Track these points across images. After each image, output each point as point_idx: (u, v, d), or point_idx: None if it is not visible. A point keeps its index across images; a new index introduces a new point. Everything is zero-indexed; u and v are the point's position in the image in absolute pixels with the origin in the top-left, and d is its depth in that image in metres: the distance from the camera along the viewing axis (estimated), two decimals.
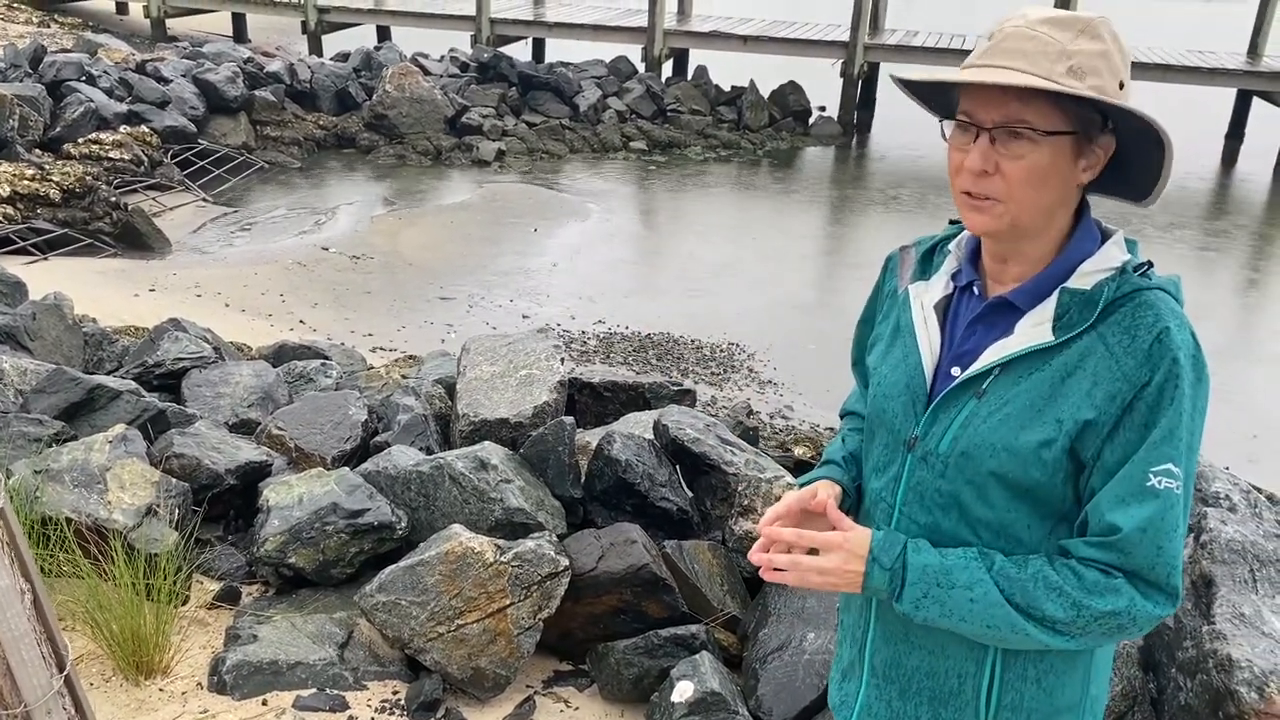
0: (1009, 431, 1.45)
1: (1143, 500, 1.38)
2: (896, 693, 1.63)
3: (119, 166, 11.72)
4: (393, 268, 10.35)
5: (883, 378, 1.64)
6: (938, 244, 1.67)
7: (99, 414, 4.09)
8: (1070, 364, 1.43)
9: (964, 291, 1.59)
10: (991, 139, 1.42)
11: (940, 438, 1.52)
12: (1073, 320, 1.44)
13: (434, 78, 16.41)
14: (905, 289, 1.66)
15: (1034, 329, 1.47)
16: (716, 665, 3.09)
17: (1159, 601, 1.41)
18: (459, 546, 3.19)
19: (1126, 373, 1.39)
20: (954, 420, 1.50)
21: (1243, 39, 18.51)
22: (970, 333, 1.55)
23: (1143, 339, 1.40)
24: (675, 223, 13.01)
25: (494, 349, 4.63)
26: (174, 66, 14.52)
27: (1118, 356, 1.40)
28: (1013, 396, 1.46)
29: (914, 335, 1.60)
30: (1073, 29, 1.40)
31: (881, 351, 1.67)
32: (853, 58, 17.98)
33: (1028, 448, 1.43)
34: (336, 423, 4.26)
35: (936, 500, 1.53)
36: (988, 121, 1.42)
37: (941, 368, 1.56)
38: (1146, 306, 1.42)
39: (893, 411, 1.60)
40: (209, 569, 3.64)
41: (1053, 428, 1.42)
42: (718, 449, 3.75)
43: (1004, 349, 1.48)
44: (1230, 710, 2.33)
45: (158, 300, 8.62)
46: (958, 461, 1.49)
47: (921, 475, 1.54)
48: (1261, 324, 10.16)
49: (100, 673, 3.10)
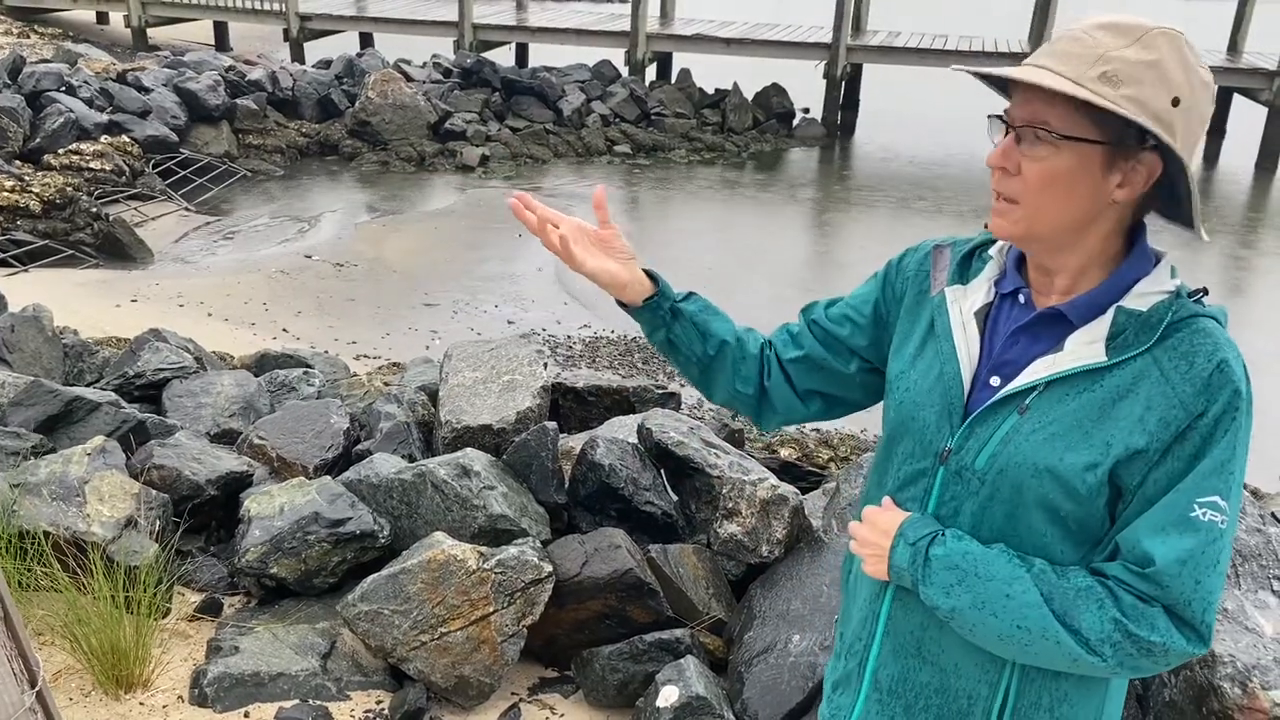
0: (1053, 452, 1.39)
1: (1183, 531, 1.32)
2: (901, 708, 1.58)
3: (100, 177, 11.66)
4: (377, 275, 10.32)
5: (911, 384, 1.56)
6: (977, 248, 1.59)
7: (78, 426, 4.05)
8: (1123, 387, 1.37)
9: (1006, 299, 1.52)
10: (1017, 138, 1.38)
11: (977, 453, 1.45)
12: (1128, 341, 1.38)
13: (417, 84, 16.38)
14: (941, 291, 1.58)
15: (1086, 347, 1.40)
16: (702, 669, 3.07)
17: (1190, 639, 1.34)
18: (441, 554, 3.16)
19: (1184, 400, 1.34)
20: (993, 435, 1.44)
21: (1223, 36, 18.63)
22: (1013, 342, 1.48)
23: (1201, 367, 1.34)
24: (660, 226, 13.01)
25: (477, 355, 4.61)
26: (155, 76, 14.45)
27: (1174, 383, 1.35)
28: (1059, 416, 1.40)
29: (951, 341, 1.53)
30: (1129, 36, 1.33)
31: (910, 356, 1.59)
32: (835, 59, 18.03)
33: (1072, 470, 1.37)
34: (318, 431, 4.23)
35: (970, 517, 1.47)
36: (1016, 119, 1.38)
37: (980, 377, 1.49)
38: (1205, 334, 1.36)
39: (924, 420, 1.52)
40: (190, 580, 3.61)
41: (1099, 451, 1.36)
42: (702, 452, 3.74)
43: (1054, 365, 1.41)
44: (1214, 706, 2.32)
45: (139, 310, 8.57)
46: (995, 479, 1.43)
47: (955, 490, 1.48)
48: (1247, 318, 10.20)
49: (79, 687, 3.07)
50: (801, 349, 1.74)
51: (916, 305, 1.62)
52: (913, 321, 1.61)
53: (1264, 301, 10.94)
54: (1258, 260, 12.34)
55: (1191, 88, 1.34)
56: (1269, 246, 12.78)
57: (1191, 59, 1.33)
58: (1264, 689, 2.27)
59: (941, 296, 1.57)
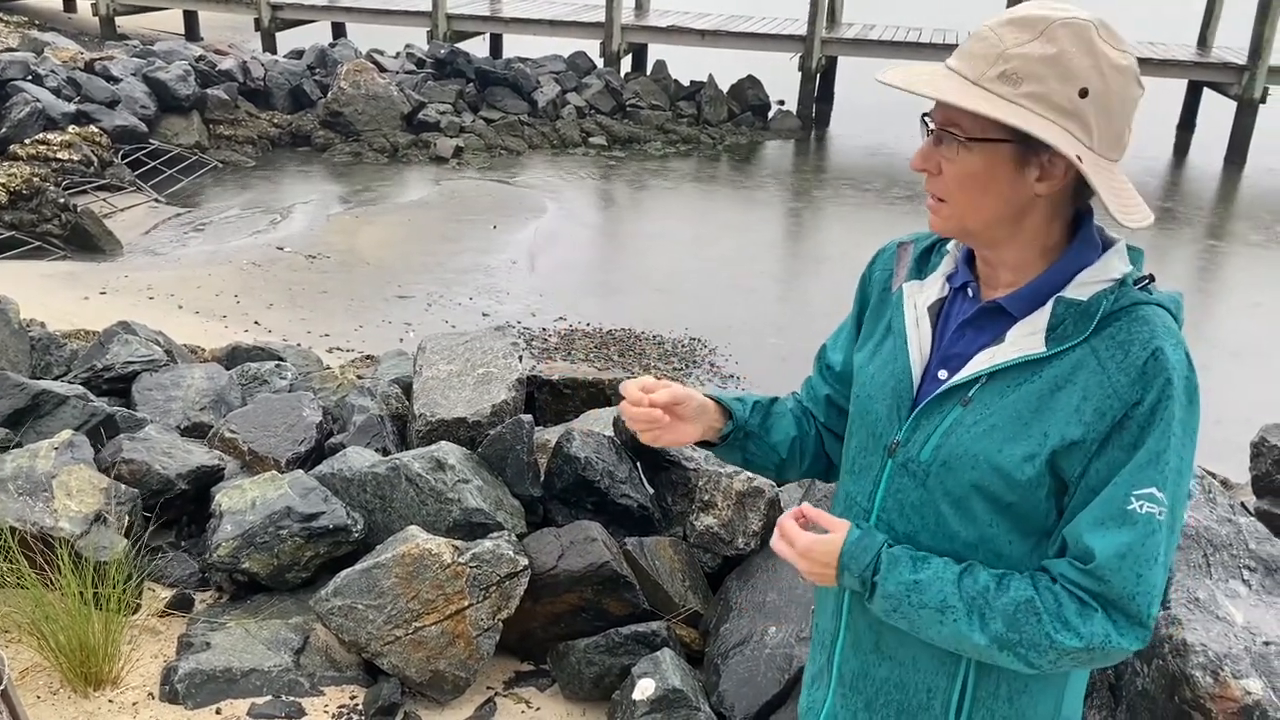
0: (992, 444, 1.40)
1: (1121, 524, 1.32)
2: (863, 704, 1.59)
3: (68, 167, 11.50)
4: (350, 267, 10.24)
5: (868, 378, 1.58)
6: (936, 243, 1.59)
7: (45, 420, 3.99)
8: (1061, 377, 1.37)
9: (958, 293, 1.53)
10: (937, 139, 1.40)
11: (922, 445, 1.47)
12: (1066, 331, 1.38)
13: (390, 74, 16.26)
14: (900, 287, 1.59)
15: (1026, 338, 1.41)
16: (678, 662, 3.07)
17: (1130, 636, 1.35)
18: (415, 548, 3.14)
19: (1118, 389, 1.33)
20: (937, 428, 1.45)
21: (1193, 31, 18.78)
22: (959, 335, 1.49)
23: (1136, 355, 1.34)
24: (636, 218, 12.98)
25: (451, 348, 4.58)
26: (124, 65, 14.26)
27: (1109, 372, 1.35)
28: (999, 408, 1.41)
29: (904, 336, 1.54)
30: (1031, 30, 1.33)
31: (870, 351, 1.61)
32: (810, 51, 18.05)
33: (1010, 462, 1.38)
34: (291, 425, 4.19)
35: (916, 510, 1.48)
36: (933, 122, 1.41)
37: (930, 371, 1.51)
38: (1142, 322, 1.36)
39: (875, 414, 1.54)
40: (161, 576, 3.57)
41: (1036, 442, 1.37)
42: None
43: (994, 357, 1.42)
44: (1186, 695, 2.34)
45: (108, 303, 8.47)
46: (938, 471, 1.44)
47: (901, 483, 1.49)
48: (1216, 311, 10.32)
49: (47, 685, 3.02)
50: (832, 405, 1.75)
51: (880, 304, 1.64)
52: (876, 319, 1.63)
53: (1233, 294, 11.06)
54: (1227, 252, 12.47)
55: (1102, 75, 1.32)
56: (1238, 239, 12.92)
57: (1101, 46, 1.32)
58: (1235, 678, 2.29)
59: (900, 292, 1.59)
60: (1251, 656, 2.36)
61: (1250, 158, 16.51)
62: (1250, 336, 9.43)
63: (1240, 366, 8.64)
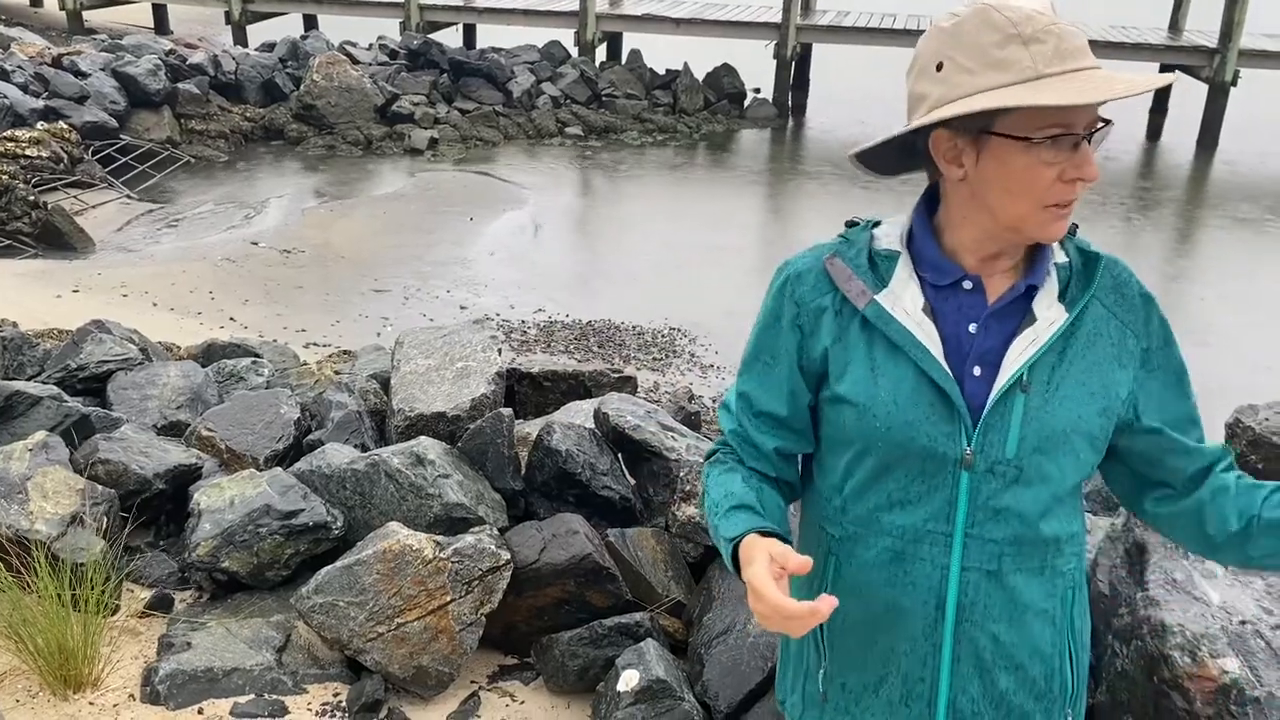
0: (1072, 414, 1.45)
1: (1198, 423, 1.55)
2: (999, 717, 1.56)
3: (37, 164, 11.36)
4: (325, 261, 10.17)
5: (886, 405, 1.46)
6: (870, 249, 1.51)
7: (18, 421, 3.94)
8: (1090, 333, 1.47)
9: (944, 290, 1.47)
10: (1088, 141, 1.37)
11: (1003, 444, 1.44)
12: (1075, 293, 1.47)
13: (363, 66, 16.16)
14: (871, 301, 1.47)
15: (1050, 309, 1.46)
16: (662, 652, 3.07)
17: None
18: (396, 544, 3.13)
19: (1134, 328, 1.49)
20: (1011, 423, 1.43)
21: (1164, 15, 18.90)
22: (985, 329, 1.46)
23: (1131, 296, 1.50)
24: (614, 208, 12.96)
25: (429, 342, 4.56)
26: (92, 60, 14.10)
27: (1120, 315, 1.49)
28: (1059, 379, 1.45)
29: (919, 346, 1.45)
30: None
31: (864, 376, 1.48)
32: (785, 39, 18.05)
33: (1093, 423, 1.46)
34: (268, 422, 4.16)
35: (1011, 510, 1.46)
36: (1082, 127, 1.36)
37: (963, 372, 1.45)
38: (1113, 264, 1.51)
39: (926, 435, 1.45)
40: (140, 576, 3.54)
41: (1104, 396, 1.47)
42: (659, 435, 3.73)
43: (1037, 337, 1.44)
44: (1165, 675, 2.36)
45: (82, 301, 8.38)
46: (1030, 459, 1.44)
47: (990, 489, 1.45)
48: (1191, 291, 10.41)
49: (26, 689, 2.99)
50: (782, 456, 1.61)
51: (841, 327, 1.50)
52: (846, 344, 1.50)
53: (1204, 276, 11.15)
54: (1199, 235, 12.58)
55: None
56: (1210, 222, 13.03)
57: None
58: (1212, 657, 2.31)
59: (875, 306, 1.47)
60: (1228, 636, 2.38)
61: (1221, 141, 16.65)
62: (1221, 319, 9.52)
63: (1210, 348, 8.72)
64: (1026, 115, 1.34)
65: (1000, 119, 1.35)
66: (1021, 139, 1.34)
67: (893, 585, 1.51)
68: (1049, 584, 1.52)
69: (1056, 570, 1.53)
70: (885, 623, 1.53)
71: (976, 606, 1.49)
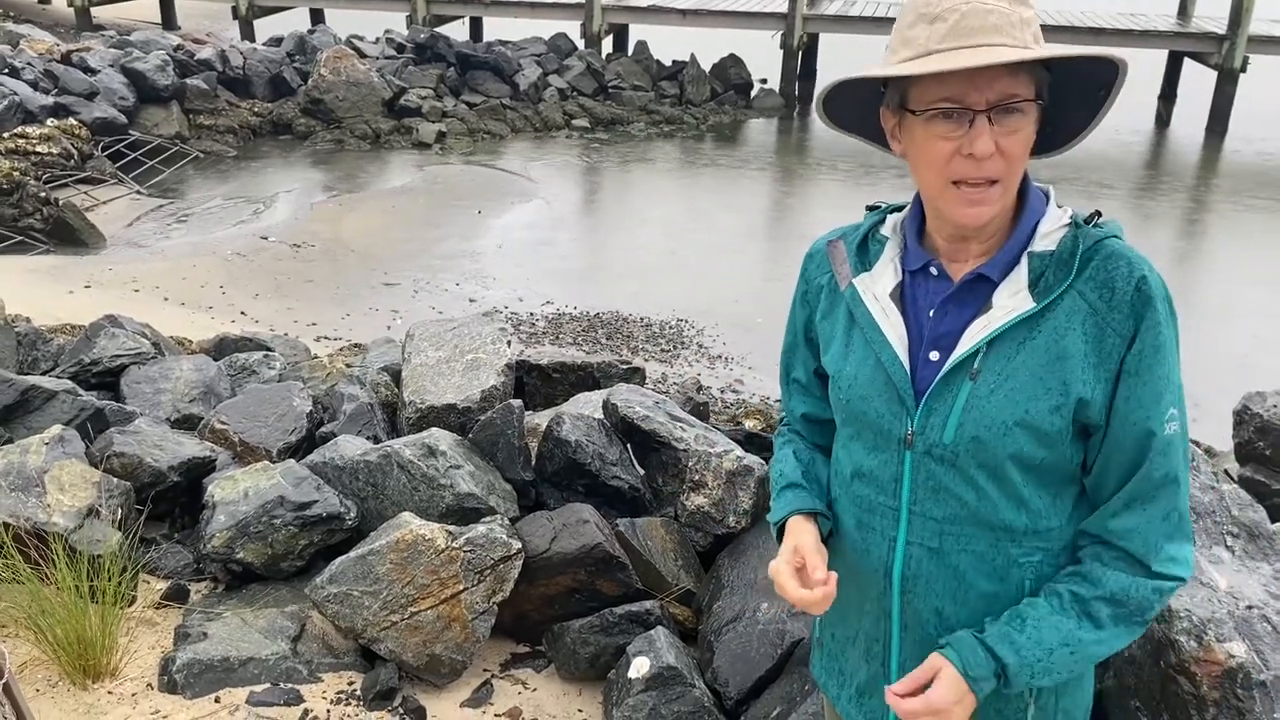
0: (1017, 406, 1.42)
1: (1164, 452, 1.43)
2: None
3: (47, 161, 11.42)
4: (335, 255, 10.21)
5: (850, 379, 1.56)
6: (868, 233, 1.60)
7: (34, 415, 3.99)
8: (1059, 327, 1.41)
9: (915, 275, 1.53)
10: (989, 119, 1.36)
11: (942, 428, 1.46)
12: (1049, 282, 1.42)
13: (370, 60, 16.18)
14: (850, 283, 1.58)
15: (1013, 298, 1.43)
16: (672, 640, 3.10)
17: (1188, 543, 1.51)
18: (409, 534, 3.16)
19: (1115, 326, 1.39)
20: (953, 406, 1.45)
21: (1172, 1, 18.80)
22: (942, 314, 1.49)
23: (1123, 290, 1.39)
24: (621, 200, 12.97)
25: (439, 334, 4.59)
26: (101, 56, 14.15)
27: (1101, 312, 1.40)
28: (1012, 370, 1.42)
29: (877, 328, 1.53)
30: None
31: (839, 352, 1.59)
32: (792, 29, 18.01)
33: (1040, 417, 1.41)
34: (281, 414, 4.20)
35: (949, 492, 1.48)
36: (981, 103, 1.36)
37: (919, 355, 1.50)
38: (1116, 257, 1.41)
39: (875, 412, 1.52)
40: (155, 568, 3.58)
41: (1059, 393, 1.41)
42: (667, 425, 3.75)
43: (989, 325, 1.44)
44: (1171, 659, 2.38)
45: (94, 297, 8.43)
46: (967, 446, 1.45)
47: (929, 469, 1.49)
48: (1199, 278, 10.38)
49: (46, 678, 3.04)
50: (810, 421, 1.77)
51: (831, 304, 1.63)
52: (832, 320, 1.62)
53: (1215, 262, 11.12)
54: (1209, 220, 12.54)
55: None
56: (1220, 207, 12.99)
57: None
58: (1219, 641, 2.33)
59: (852, 288, 1.58)
60: (1235, 621, 2.40)
61: (1231, 127, 16.57)
62: (1231, 305, 9.50)
63: (1220, 332, 8.70)
64: (920, 89, 1.40)
65: (911, 95, 1.42)
66: (920, 113, 1.40)
67: (855, 552, 1.62)
68: (1001, 571, 1.51)
69: (1011, 560, 1.50)
70: (854, 585, 1.63)
71: (919, 580, 1.54)
